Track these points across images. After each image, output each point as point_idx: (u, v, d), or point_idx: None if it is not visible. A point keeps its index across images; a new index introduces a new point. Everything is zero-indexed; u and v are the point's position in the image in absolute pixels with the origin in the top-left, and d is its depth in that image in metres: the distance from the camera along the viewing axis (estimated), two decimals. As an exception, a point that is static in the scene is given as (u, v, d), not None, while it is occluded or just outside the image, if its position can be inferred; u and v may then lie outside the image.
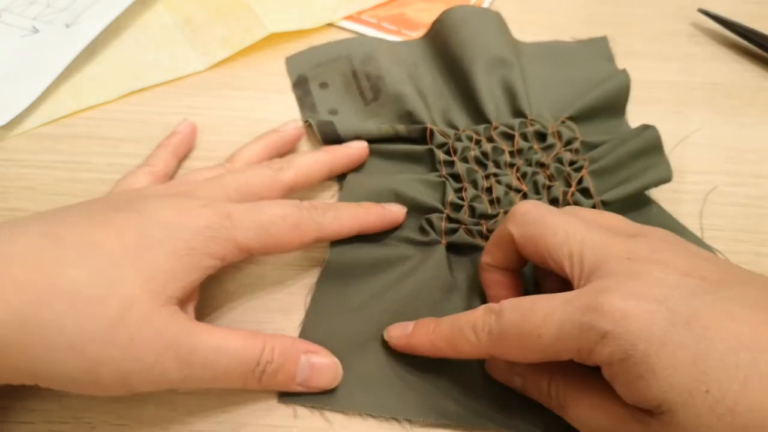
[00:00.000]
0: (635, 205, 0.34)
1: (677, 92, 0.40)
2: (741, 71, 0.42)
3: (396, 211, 0.32)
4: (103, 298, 0.23)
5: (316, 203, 0.30)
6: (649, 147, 0.33)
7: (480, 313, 0.25)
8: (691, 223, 0.33)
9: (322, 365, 0.27)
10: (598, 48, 0.43)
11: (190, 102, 0.39)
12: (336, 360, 0.27)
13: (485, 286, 0.30)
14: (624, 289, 0.22)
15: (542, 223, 0.26)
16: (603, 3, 0.46)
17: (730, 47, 0.43)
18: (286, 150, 0.36)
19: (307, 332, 0.29)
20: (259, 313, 0.30)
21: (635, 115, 0.38)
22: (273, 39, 0.42)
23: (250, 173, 0.31)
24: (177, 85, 0.40)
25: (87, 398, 0.27)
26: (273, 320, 0.30)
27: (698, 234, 0.33)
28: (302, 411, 0.27)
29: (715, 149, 0.37)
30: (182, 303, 0.26)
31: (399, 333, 0.28)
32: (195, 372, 0.24)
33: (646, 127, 0.34)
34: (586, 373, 0.24)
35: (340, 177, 0.35)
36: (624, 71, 0.38)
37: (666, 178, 0.33)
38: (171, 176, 0.34)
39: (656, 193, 0.34)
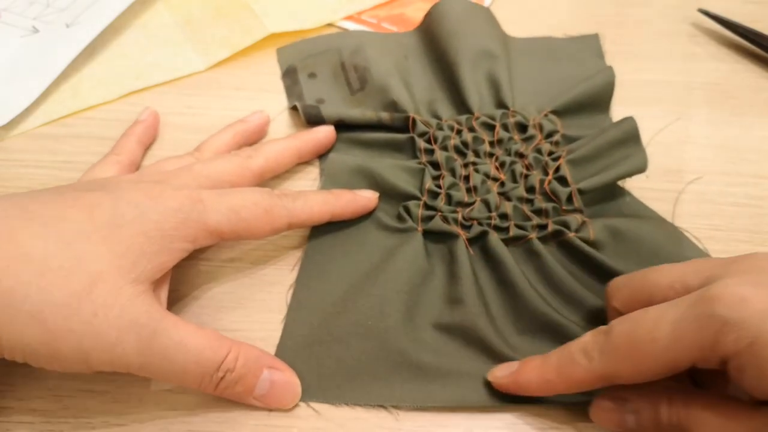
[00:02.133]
0: (610, 196, 0.34)
1: (677, 92, 0.40)
2: (741, 71, 0.42)
3: (368, 197, 0.32)
4: (71, 270, 0.23)
5: (286, 191, 0.30)
6: (626, 137, 0.34)
7: (589, 336, 0.24)
8: (690, 223, 0.33)
9: (283, 383, 0.26)
10: (589, 45, 0.43)
11: (190, 102, 0.39)
12: (297, 381, 0.27)
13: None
14: (738, 279, 0.21)
15: (635, 277, 0.26)
16: (603, 3, 0.46)
17: (730, 47, 0.43)
18: (254, 139, 0.37)
19: (290, 328, 0.29)
20: (263, 314, 0.30)
21: (635, 116, 0.38)
22: (273, 39, 0.42)
23: (220, 161, 0.31)
24: (177, 85, 0.40)
25: (86, 398, 0.27)
26: (274, 320, 0.30)
27: (697, 234, 0.33)
28: (302, 411, 0.27)
29: (715, 149, 0.37)
30: (152, 287, 0.26)
31: (504, 372, 0.26)
32: (153, 361, 0.24)
33: (625, 119, 0.34)
34: (705, 391, 0.23)
35: (322, 157, 0.36)
36: (609, 68, 0.38)
37: (641, 168, 0.33)
38: (137, 165, 0.35)
39: (655, 193, 0.34)
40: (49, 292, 0.23)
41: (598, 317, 0.29)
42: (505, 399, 0.27)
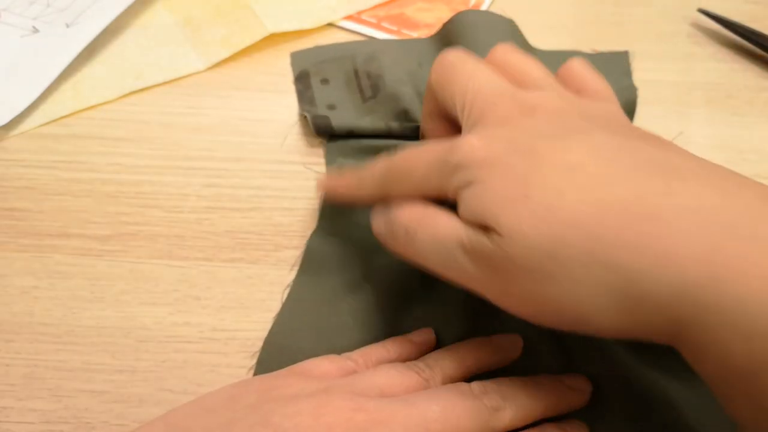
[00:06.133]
0: None
1: (677, 92, 0.40)
2: (741, 71, 0.42)
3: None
4: None
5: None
6: None
7: (381, 160, 0.27)
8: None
9: None
10: (618, 62, 0.42)
11: (190, 102, 0.39)
12: None
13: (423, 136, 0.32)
14: (484, 131, 0.24)
15: (452, 69, 0.27)
16: (603, 3, 0.46)
17: (730, 47, 0.43)
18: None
19: (281, 322, 0.29)
20: (263, 314, 0.30)
21: (635, 116, 0.38)
22: (273, 39, 0.42)
23: (460, 411, 0.23)
24: (177, 85, 0.40)
25: (87, 398, 0.27)
26: (273, 320, 0.30)
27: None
28: (302, 411, 0.27)
29: (715, 149, 0.37)
30: None
31: (327, 181, 0.31)
32: None
33: None
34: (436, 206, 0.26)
35: (328, 160, 0.36)
36: (632, 86, 0.38)
37: None
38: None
39: (656, 193, 0.34)
40: None
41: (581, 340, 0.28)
42: None
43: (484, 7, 0.45)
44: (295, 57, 0.42)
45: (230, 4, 0.44)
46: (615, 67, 0.41)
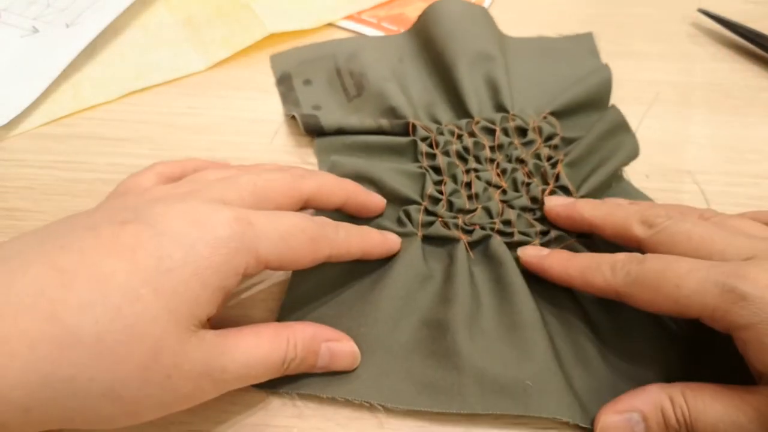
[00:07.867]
0: (608, 185, 0.34)
1: (677, 92, 0.40)
2: (741, 71, 0.42)
3: (395, 240, 0.31)
4: (129, 342, 0.21)
5: (326, 219, 0.28)
6: (614, 127, 0.35)
7: (622, 256, 0.27)
8: (691, 223, 0.33)
9: (341, 353, 0.27)
10: (584, 43, 0.43)
11: (190, 102, 0.39)
12: (353, 347, 0.27)
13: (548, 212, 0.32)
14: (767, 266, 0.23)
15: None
16: (603, 3, 0.46)
17: (730, 47, 0.43)
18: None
19: (282, 316, 0.29)
20: (263, 314, 0.30)
21: (636, 116, 0.38)
22: (273, 39, 0.42)
23: (268, 176, 0.28)
24: (177, 85, 0.40)
25: (87, 398, 0.27)
26: (274, 320, 0.30)
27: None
28: (302, 411, 0.27)
29: (715, 149, 0.37)
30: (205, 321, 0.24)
31: (534, 252, 0.30)
32: (228, 386, 0.24)
33: (609, 109, 0.35)
34: (700, 383, 0.25)
35: (322, 161, 0.36)
36: (606, 66, 0.38)
37: (634, 153, 0.35)
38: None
39: (655, 193, 0.34)
40: (114, 369, 0.21)
41: (577, 326, 0.29)
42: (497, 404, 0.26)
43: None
44: (275, 59, 0.42)
45: (230, 4, 0.44)
46: (581, 49, 0.42)
